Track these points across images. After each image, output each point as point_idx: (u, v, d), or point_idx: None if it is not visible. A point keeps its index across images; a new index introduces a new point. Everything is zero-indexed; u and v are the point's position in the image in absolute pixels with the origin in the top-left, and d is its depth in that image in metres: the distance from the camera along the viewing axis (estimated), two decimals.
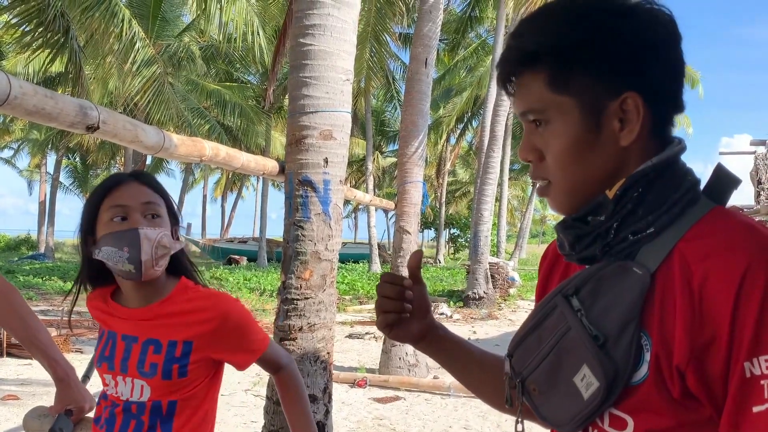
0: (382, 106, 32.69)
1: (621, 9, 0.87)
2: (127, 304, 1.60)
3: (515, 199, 42.90)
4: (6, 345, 8.23)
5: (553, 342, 0.91)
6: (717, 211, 0.87)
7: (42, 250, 32.15)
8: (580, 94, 0.88)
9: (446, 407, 6.53)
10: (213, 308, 1.56)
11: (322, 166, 3.60)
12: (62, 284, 17.61)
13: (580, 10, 0.88)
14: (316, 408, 3.64)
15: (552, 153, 0.91)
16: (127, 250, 1.48)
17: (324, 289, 3.67)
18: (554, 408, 0.91)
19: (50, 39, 11.41)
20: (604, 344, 0.84)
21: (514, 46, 0.92)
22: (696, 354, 0.78)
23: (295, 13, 3.69)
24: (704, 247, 0.81)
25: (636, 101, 0.86)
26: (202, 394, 1.59)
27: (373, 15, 14.29)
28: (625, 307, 0.84)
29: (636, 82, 0.86)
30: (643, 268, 0.84)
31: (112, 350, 1.58)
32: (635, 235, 0.87)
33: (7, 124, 31.05)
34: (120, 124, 2.03)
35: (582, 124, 0.88)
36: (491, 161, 14.66)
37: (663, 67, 0.88)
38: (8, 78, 1.52)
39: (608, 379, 0.83)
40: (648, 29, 0.87)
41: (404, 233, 7.75)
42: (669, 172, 0.88)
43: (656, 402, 0.82)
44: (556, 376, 0.90)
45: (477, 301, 14.31)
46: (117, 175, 1.61)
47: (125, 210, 1.51)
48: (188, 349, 1.53)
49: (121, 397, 1.56)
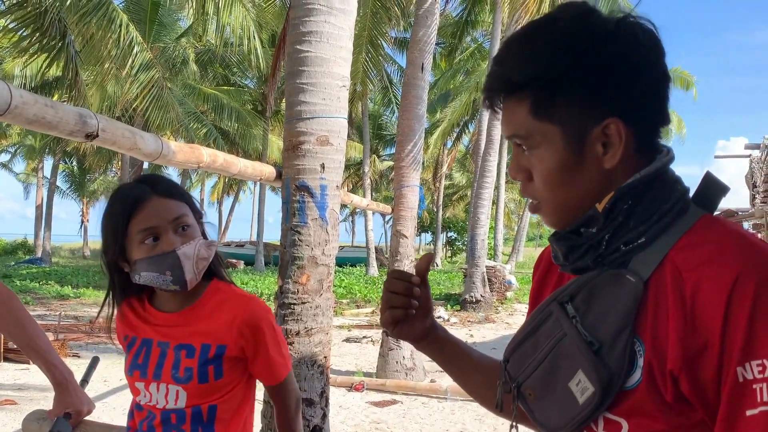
0: (380, 110, 32.70)
1: (602, 34, 0.88)
2: (163, 308, 1.60)
3: (512, 202, 42.86)
4: (3, 350, 8.22)
5: (549, 348, 0.93)
6: (707, 219, 0.89)
7: (39, 254, 32.11)
8: (562, 121, 0.89)
9: (443, 411, 6.54)
10: (245, 310, 1.56)
11: (318, 172, 3.63)
12: (59, 288, 17.59)
13: (562, 37, 0.89)
14: (313, 412, 3.66)
15: (538, 175, 0.93)
16: (170, 273, 1.48)
17: (321, 294, 3.70)
18: (549, 412, 0.93)
19: (47, 44, 11.45)
20: (599, 350, 0.87)
21: (497, 73, 0.93)
22: (689, 360, 0.81)
23: (292, 20, 3.72)
24: (695, 255, 0.84)
25: (618, 126, 0.88)
26: (239, 397, 1.58)
27: (368, 19, 14.33)
28: (619, 314, 0.86)
29: (617, 107, 0.88)
30: (636, 276, 0.87)
31: (146, 357, 1.57)
32: (627, 245, 0.89)
33: (4, 128, 30.99)
34: (119, 132, 2.05)
35: (566, 149, 0.90)
36: (488, 165, 14.69)
37: (645, 87, 0.89)
38: (9, 87, 1.54)
39: (603, 384, 0.86)
40: (630, 52, 0.88)
41: (401, 237, 7.77)
42: (658, 182, 0.90)
43: (650, 406, 0.85)
44: (551, 381, 0.92)
45: (474, 305, 14.33)
46: (134, 190, 1.54)
47: (156, 231, 1.49)
48: (222, 351, 1.52)
49: (157, 405, 1.54)
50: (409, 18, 14.78)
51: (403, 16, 14.16)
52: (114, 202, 1.54)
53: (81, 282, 20.20)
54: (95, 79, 15.57)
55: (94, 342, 9.70)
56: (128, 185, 1.60)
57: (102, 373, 7.18)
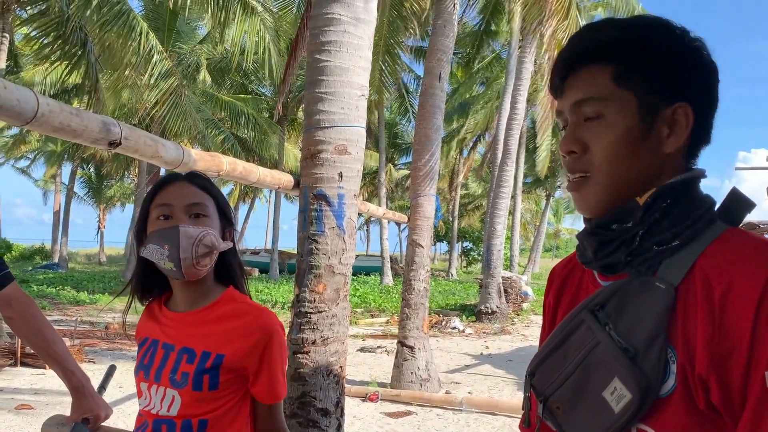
0: (396, 119, 32.77)
1: (687, 33, 0.95)
2: (176, 308, 1.61)
3: (528, 212, 42.75)
4: (20, 355, 8.29)
5: (581, 357, 0.92)
6: (733, 231, 0.90)
7: (56, 259, 32.41)
8: (641, 91, 0.93)
9: (458, 423, 6.50)
10: (256, 323, 1.54)
11: (336, 181, 3.63)
12: (75, 294, 17.73)
13: (651, 22, 0.96)
14: (329, 422, 3.65)
15: (601, 145, 0.95)
16: (167, 247, 1.49)
17: (337, 303, 3.69)
18: (580, 425, 0.92)
19: (68, 51, 11.59)
20: (634, 357, 0.87)
21: (590, 37, 0.98)
22: (716, 365, 0.80)
23: (312, 30, 3.73)
24: (724, 262, 0.84)
25: (687, 111, 0.93)
26: (233, 414, 1.55)
27: (385, 28, 14.36)
28: (652, 320, 0.86)
29: (689, 96, 0.93)
30: (666, 283, 0.87)
31: (151, 358, 1.57)
32: (660, 246, 0.90)
33: (24, 134, 31.41)
34: (141, 140, 2.06)
35: (637, 119, 0.93)
36: (504, 175, 14.63)
37: (709, 92, 0.95)
38: (36, 96, 1.55)
39: (641, 390, 0.85)
40: (703, 54, 0.95)
41: (417, 246, 7.76)
42: (692, 191, 0.94)
43: (683, 414, 0.84)
44: (582, 392, 0.92)
45: (490, 316, 14.26)
46: (170, 175, 1.62)
47: (170, 209, 1.52)
48: (219, 362, 1.50)
49: (153, 410, 1.53)
50: (426, 27, 14.79)
51: (419, 25, 14.17)
52: (152, 184, 1.60)
53: (97, 288, 20.37)
54: (114, 86, 15.74)
55: (110, 348, 9.75)
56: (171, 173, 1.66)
57: (117, 380, 7.21)
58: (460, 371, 9.37)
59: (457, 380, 8.65)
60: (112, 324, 12.01)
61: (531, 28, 12.24)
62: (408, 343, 7.74)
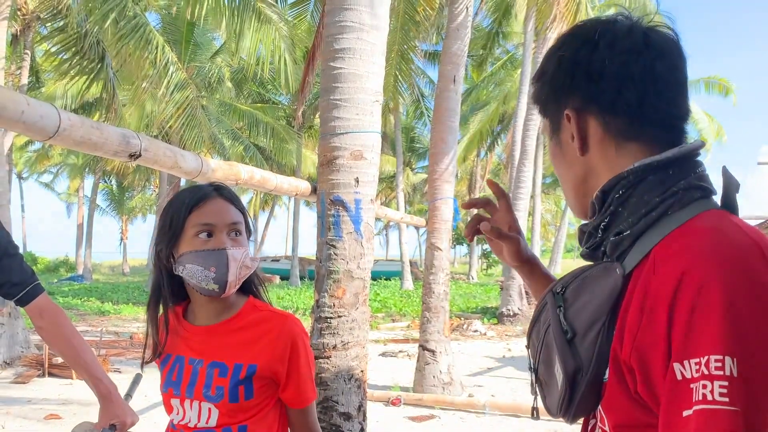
0: (412, 123, 32.75)
1: (587, 36, 0.97)
2: (196, 321, 1.61)
3: (549, 213, 42.49)
4: (48, 365, 8.42)
5: (542, 336, 0.98)
6: (708, 214, 0.87)
7: (80, 271, 32.85)
8: (549, 113, 1.03)
9: (482, 426, 6.49)
10: (280, 329, 1.55)
11: (353, 186, 3.65)
12: (100, 305, 17.95)
13: (560, 41, 1.02)
14: (351, 426, 3.67)
15: (554, 166, 1.07)
16: (214, 270, 1.50)
17: (357, 307, 3.71)
18: (549, 397, 0.98)
19: (86, 66, 11.78)
20: (572, 339, 0.89)
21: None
22: (640, 355, 0.80)
23: (326, 38, 3.77)
24: (669, 249, 0.83)
25: (570, 115, 0.97)
26: (271, 418, 1.57)
27: (398, 33, 14.40)
28: (596, 305, 0.89)
29: (582, 100, 0.96)
30: (622, 269, 0.88)
31: (179, 375, 1.57)
32: (617, 235, 0.92)
33: (47, 149, 31.87)
34: (161, 151, 2.10)
35: (554, 139, 1.04)
36: (522, 176, 14.53)
37: (609, 83, 0.93)
38: (58, 111, 1.59)
39: (568, 372, 0.89)
40: (592, 51, 0.95)
41: (436, 250, 7.77)
42: (656, 176, 0.90)
43: (620, 399, 0.85)
44: (548, 367, 0.96)
45: (511, 318, 14.19)
46: (200, 188, 1.59)
47: (212, 228, 1.52)
48: (252, 371, 1.51)
49: (189, 423, 1.54)
50: (440, 30, 14.80)
51: (436, 31, 14.18)
52: (180, 195, 1.59)
53: (120, 298, 20.60)
54: (137, 99, 15.94)
55: (135, 357, 9.86)
56: (197, 185, 1.65)
57: (143, 388, 7.28)
58: (482, 374, 9.34)
59: (480, 383, 8.63)
60: (136, 334, 12.15)
61: (544, 27, 12.20)
62: (429, 347, 7.74)
